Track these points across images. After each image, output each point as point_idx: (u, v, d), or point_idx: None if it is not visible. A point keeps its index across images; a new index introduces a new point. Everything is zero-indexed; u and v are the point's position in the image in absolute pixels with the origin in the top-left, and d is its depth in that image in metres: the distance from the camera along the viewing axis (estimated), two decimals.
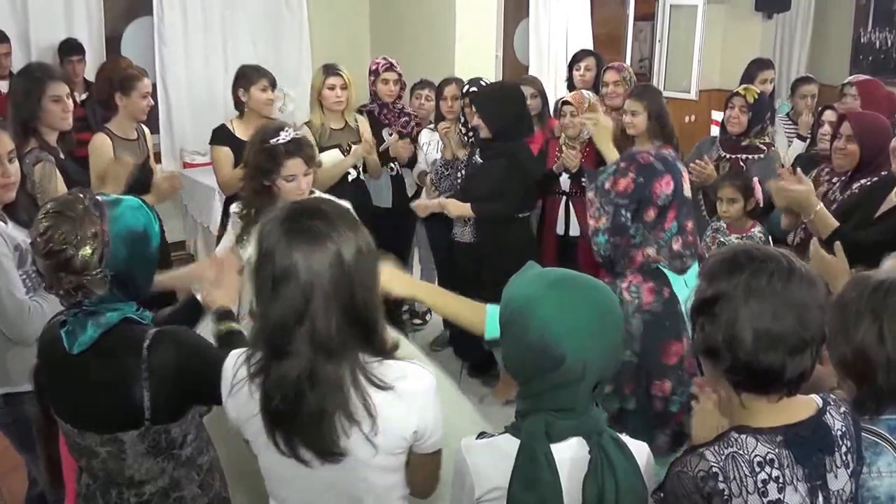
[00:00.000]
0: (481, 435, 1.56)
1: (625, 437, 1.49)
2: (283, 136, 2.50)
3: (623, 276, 2.07)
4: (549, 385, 1.42)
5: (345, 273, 1.44)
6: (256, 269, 1.47)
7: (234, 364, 1.58)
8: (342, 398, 1.45)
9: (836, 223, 2.71)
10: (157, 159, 4.99)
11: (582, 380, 1.41)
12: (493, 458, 1.47)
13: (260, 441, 1.56)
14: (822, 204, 2.75)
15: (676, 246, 2.06)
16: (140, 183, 3.46)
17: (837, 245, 2.34)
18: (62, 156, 3.20)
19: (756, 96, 3.91)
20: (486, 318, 2.03)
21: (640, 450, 1.51)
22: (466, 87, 4.13)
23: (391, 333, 1.61)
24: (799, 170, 3.08)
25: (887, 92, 4.26)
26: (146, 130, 3.77)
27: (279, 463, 1.55)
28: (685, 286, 2.04)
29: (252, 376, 1.51)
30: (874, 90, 4.21)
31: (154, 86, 5.70)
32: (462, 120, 4.22)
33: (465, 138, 4.19)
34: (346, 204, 2.69)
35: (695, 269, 2.08)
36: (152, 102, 3.64)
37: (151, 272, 1.85)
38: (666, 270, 2.06)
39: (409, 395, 1.51)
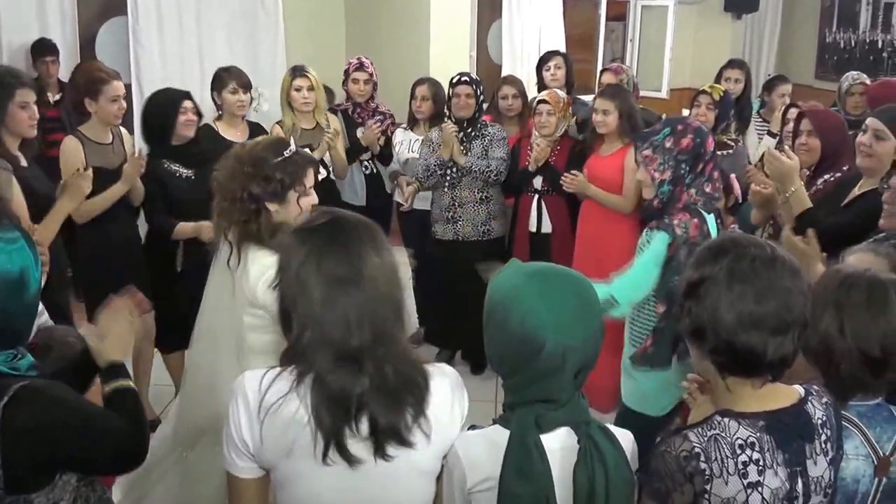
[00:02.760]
0: (471, 427, 1.57)
1: (610, 426, 1.51)
2: (293, 147, 2.36)
3: (670, 215, 2.59)
4: (531, 376, 1.44)
5: (393, 269, 1.51)
6: (300, 278, 1.45)
7: (260, 387, 1.47)
8: (414, 384, 1.49)
9: (810, 203, 2.72)
10: None
11: (563, 368, 1.42)
12: (484, 449, 1.48)
13: (303, 453, 1.46)
14: (801, 183, 2.81)
15: (708, 189, 2.64)
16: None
17: (810, 231, 2.41)
18: (24, 163, 3.03)
19: (721, 94, 4.00)
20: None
21: (625, 438, 1.53)
22: (457, 77, 4.19)
23: None
24: (787, 147, 3.13)
25: None
26: (124, 132, 3.67)
27: (320, 475, 1.47)
28: (714, 225, 2.65)
29: (299, 383, 1.45)
30: (887, 90, 4.04)
31: (128, 86, 5.67)
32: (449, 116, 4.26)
33: (457, 134, 4.20)
34: None
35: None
36: (125, 106, 3.50)
37: (31, 318, 1.66)
38: (700, 210, 2.60)
39: (449, 389, 1.55)
